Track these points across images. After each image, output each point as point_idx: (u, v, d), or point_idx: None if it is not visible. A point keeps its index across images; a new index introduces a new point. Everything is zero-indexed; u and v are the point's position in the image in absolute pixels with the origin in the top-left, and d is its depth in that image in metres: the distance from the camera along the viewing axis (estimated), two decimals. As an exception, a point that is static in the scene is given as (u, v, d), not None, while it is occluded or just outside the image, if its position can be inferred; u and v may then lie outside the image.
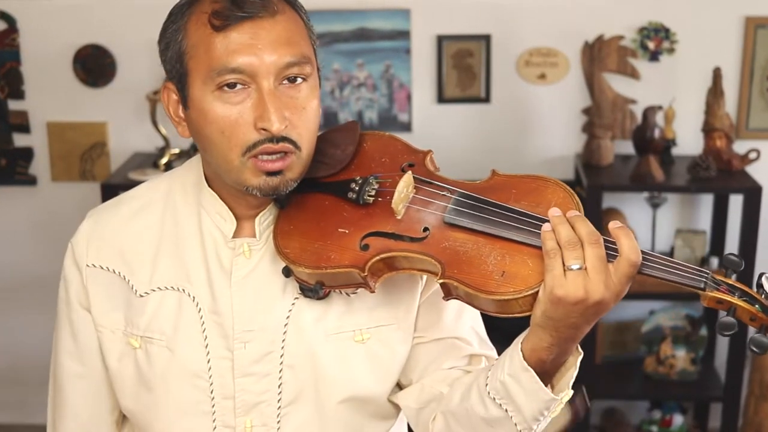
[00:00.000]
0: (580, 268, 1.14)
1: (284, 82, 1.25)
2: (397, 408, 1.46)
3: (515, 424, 1.25)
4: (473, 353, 1.41)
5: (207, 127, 1.26)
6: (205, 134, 1.27)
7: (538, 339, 1.20)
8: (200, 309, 1.35)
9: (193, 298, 1.36)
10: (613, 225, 1.18)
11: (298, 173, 1.29)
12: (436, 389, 1.38)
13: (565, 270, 1.15)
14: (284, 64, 1.24)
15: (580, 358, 1.26)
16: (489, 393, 1.26)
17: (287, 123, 1.24)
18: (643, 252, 1.17)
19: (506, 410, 1.25)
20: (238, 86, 1.23)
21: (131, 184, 2.49)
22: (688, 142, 3.31)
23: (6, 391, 3.71)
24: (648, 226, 3.37)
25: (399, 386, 1.44)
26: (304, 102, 1.27)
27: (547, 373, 1.23)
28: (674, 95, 3.27)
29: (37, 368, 3.59)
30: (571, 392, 1.25)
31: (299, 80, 1.26)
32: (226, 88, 1.23)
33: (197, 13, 1.25)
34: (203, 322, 1.35)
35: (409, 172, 1.31)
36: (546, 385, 1.22)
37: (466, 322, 1.42)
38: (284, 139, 1.24)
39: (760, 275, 1.16)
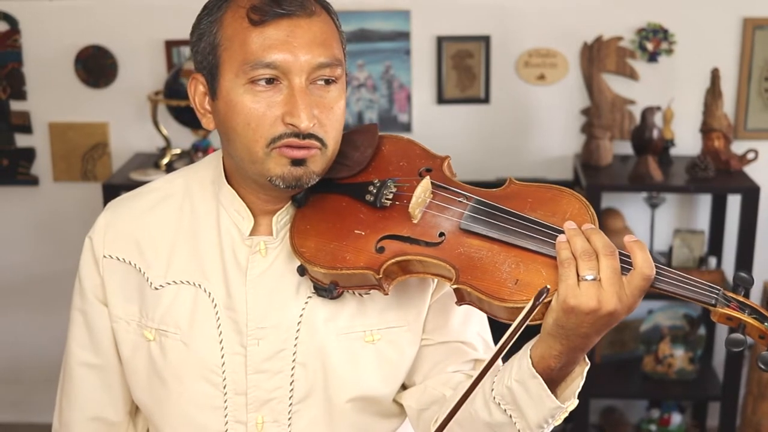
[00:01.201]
0: (594, 279, 1.15)
1: (315, 81, 1.28)
2: (404, 408, 1.47)
3: (518, 430, 1.26)
4: (478, 358, 1.42)
5: (234, 118, 1.28)
6: (231, 125, 1.29)
7: (548, 347, 1.21)
8: (216, 305, 1.37)
9: (209, 293, 1.37)
10: (628, 238, 1.19)
11: (321, 168, 1.31)
12: (438, 391, 1.39)
13: (579, 280, 1.16)
14: (317, 64, 1.26)
15: (587, 368, 1.27)
16: (494, 398, 1.26)
17: (315, 121, 1.26)
18: (656, 266, 1.18)
19: (510, 416, 1.25)
20: (270, 81, 1.25)
21: (132, 185, 2.49)
22: (687, 142, 3.32)
23: (7, 391, 3.71)
24: (646, 226, 3.38)
25: (402, 386, 1.45)
26: (333, 102, 1.29)
27: (553, 382, 1.24)
28: (673, 96, 3.28)
29: (38, 368, 3.61)
30: (577, 401, 1.26)
31: (329, 81, 1.29)
32: (257, 82, 1.25)
33: (234, 7, 1.27)
34: (218, 318, 1.37)
35: (428, 177, 1.32)
36: (552, 393, 1.23)
37: (473, 327, 1.43)
38: (311, 136, 1.26)
39: None
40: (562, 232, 1.21)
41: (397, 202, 1.31)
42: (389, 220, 1.30)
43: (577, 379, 1.26)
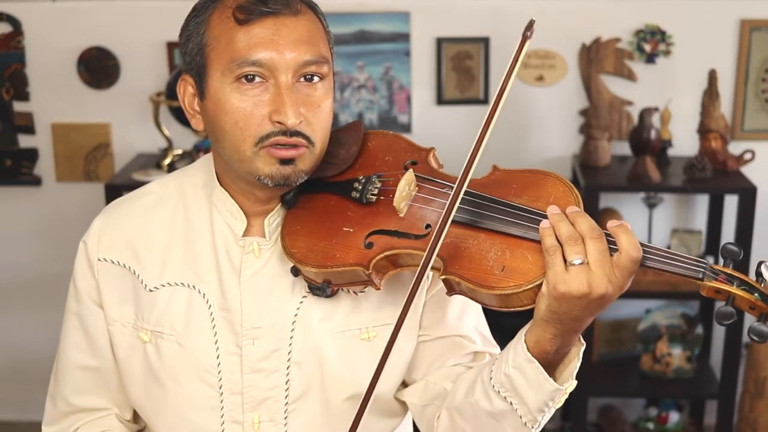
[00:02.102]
0: (582, 263, 1.14)
1: (301, 79, 1.27)
2: (404, 406, 1.47)
3: (520, 417, 1.25)
4: (477, 350, 1.42)
5: (222, 118, 1.27)
6: (219, 125, 1.28)
7: (542, 331, 1.20)
8: (210, 306, 1.37)
9: (204, 294, 1.37)
10: (611, 224, 1.18)
11: (309, 166, 1.30)
12: (439, 386, 1.39)
13: (566, 265, 1.14)
14: (303, 62, 1.26)
15: (583, 348, 1.26)
16: (493, 386, 1.26)
17: (302, 119, 1.26)
18: (642, 245, 1.16)
19: (511, 403, 1.25)
20: (257, 79, 1.25)
21: (135, 185, 2.49)
22: (684, 143, 3.32)
23: (9, 389, 3.71)
24: (644, 226, 3.38)
25: (404, 384, 1.45)
26: (320, 100, 1.29)
27: (550, 365, 1.23)
28: (670, 97, 3.28)
29: (40, 367, 3.59)
30: (575, 383, 1.25)
31: (316, 79, 1.28)
32: (244, 81, 1.25)
33: (221, 7, 1.27)
34: (213, 319, 1.36)
35: (411, 170, 1.31)
36: (550, 377, 1.22)
37: (469, 321, 1.43)
38: (298, 134, 1.26)
39: (759, 264, 1.15)
40: (546, 216, 1.19)
41: (382, 197, 1.31)
42: (376, 216, 1.30)
43: (574, 360, 1.25)
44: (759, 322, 1.13)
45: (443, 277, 1.22)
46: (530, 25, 1.19)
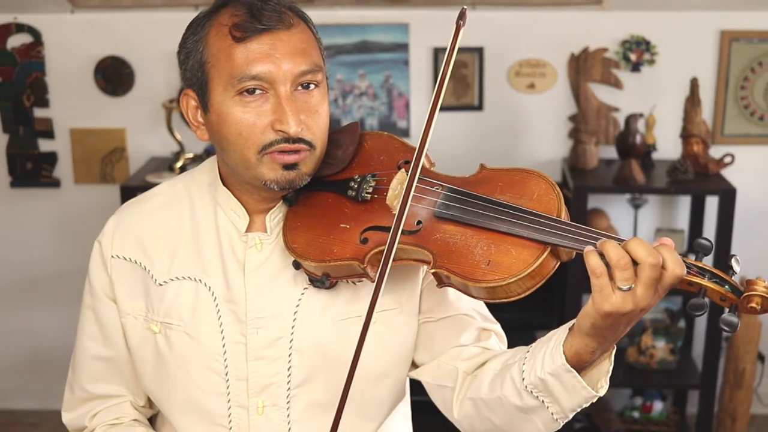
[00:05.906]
0: (630, 288, 1.10)
1: (299, 88, 1.28)
2: (404, 390, 1.48)
3: (551, 413, 1.24)
4: (481, 327, 1.42)
5: (226, 129, 1.28)
6: (224, 135, 1.29)
7: (584, 345, 1.17)
8: (215, 298, 1.38)
9: (209, 287, 1.38)
10: (656, 243, 1.13)
11: (311, 168, 1.32)
12: (451, 365, 1.39)
13: (613, 288, 1.10)
14: (299, 72, 1.27)
15: (614, 351, 1.23)
16: (526, 387, 1.24)
17: (303, 126, 1.27)
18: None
19: (543, 401, 1.24)
20: (257, 92, 1.26)
21: (148, 186, 2.50)
22: (668, 147, 3.32)
23: (31, 380, 3.72)
24: (630, 225, 3.38)
25: (414, 365, 1.46)
26: (317, 105, 1.30)
27: (583, 368, 1.21)
28: (655, 103, 3.29)
29: (60, 358, 3.61)
30: (607, 385, 1.23)
31: (312, 86, 1.29)
32: (245, 94, 1.26)
33: (217, 25, 1.28)
34: (218, 310, 1.37)
35: (403, 169, 1.32)
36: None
37: (466, 301, 1.42)
38: (300, 140, 1.27)
39: (730, 257, 1.14)
40: (528, 212, 1.19)
41: (376, 195, 1.32)
42: (371, 213, 1.30)
43: (605, 362, 1.22)
44: (730, 312, 1.12)
45: (433, 270, 1.23)
46: (462, 14, 1.21)
